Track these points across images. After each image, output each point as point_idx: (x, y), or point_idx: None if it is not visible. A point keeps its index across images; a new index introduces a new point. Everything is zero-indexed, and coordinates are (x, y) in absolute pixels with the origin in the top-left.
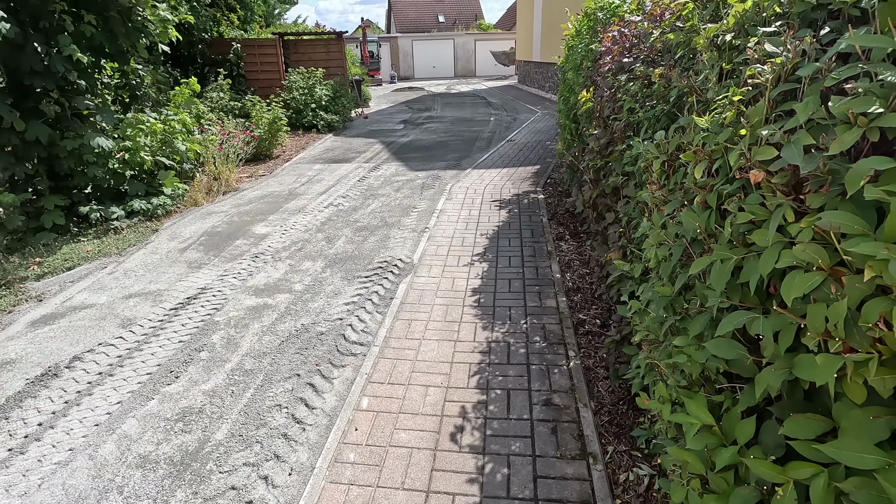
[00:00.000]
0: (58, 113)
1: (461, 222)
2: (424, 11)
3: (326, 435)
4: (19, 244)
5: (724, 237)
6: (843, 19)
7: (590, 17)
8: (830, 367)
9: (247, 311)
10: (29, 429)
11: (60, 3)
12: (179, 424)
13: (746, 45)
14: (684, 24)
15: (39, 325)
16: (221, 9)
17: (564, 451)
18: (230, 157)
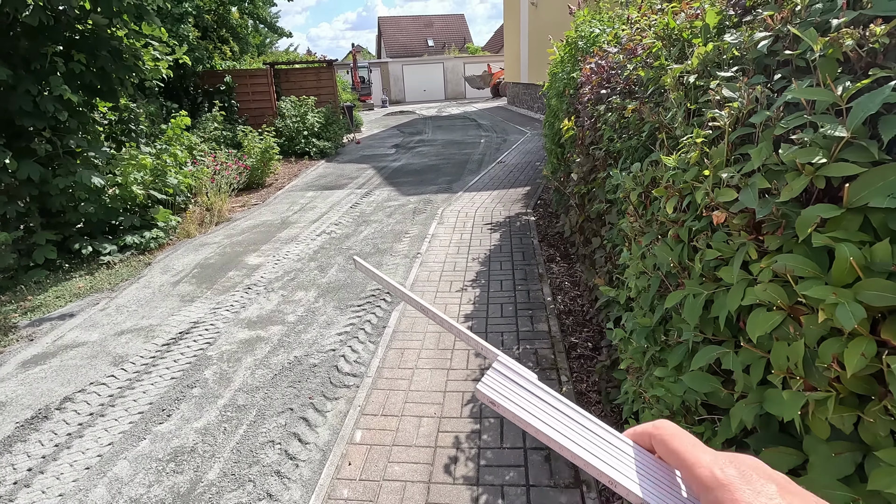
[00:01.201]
0: (49, 151)
1: (453, 246)
2: (414, 36)
3: (320, 471)
4: (10, 282)
5: (695, 271)
6: (791, 67)
7: (571, 45)
8: (795, 404)
9: (239, 344)
10: (18, 475)
11: (52, 46)
12: (171, 465)
13: (709, 86)
14: (654, 62)
15: (30, 366)
16: (213, 41)
17: (558, 480)
18: (222, 188)
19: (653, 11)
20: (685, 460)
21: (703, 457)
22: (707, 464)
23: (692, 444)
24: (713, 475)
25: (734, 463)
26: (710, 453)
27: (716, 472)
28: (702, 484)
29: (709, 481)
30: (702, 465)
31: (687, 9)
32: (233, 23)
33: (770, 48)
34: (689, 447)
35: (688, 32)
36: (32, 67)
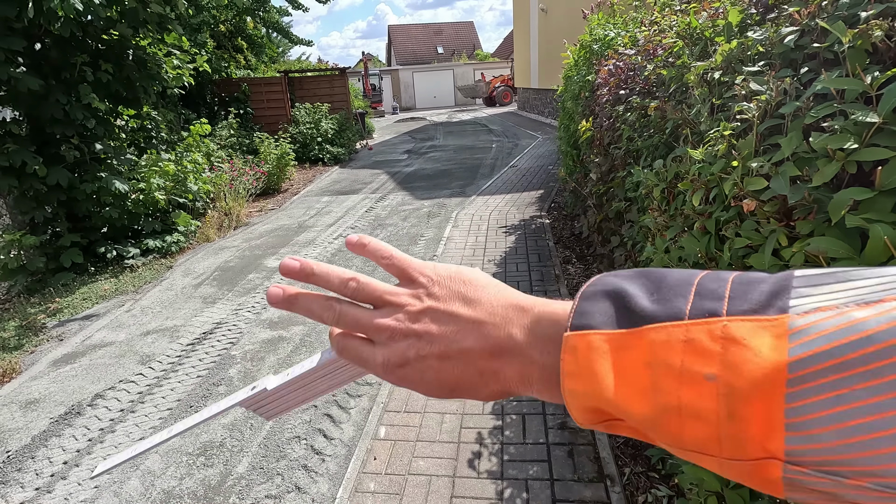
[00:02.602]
0: (77, 158)
1: (468, 249)
2: (423, 43)
3: (346, 465)
4: (39, 285)
5: (724, 261)
6: (818, 60)
7: (586, 49)
8: None
9: (262, 344)
10: (55, 467)
11: (81, 56)
12: (201, 459)
13: (734, 82)
14: (675, 61)
15: (61, 365)
16: (229, 50)
17: (582, 474)
18: (240, 193)
19: (672, 12)
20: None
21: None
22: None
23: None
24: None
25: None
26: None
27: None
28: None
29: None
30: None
31: (708, 8)
32: (248, 32)
33: (796, 42)
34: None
35: (710, 31)
36: (62, 77)
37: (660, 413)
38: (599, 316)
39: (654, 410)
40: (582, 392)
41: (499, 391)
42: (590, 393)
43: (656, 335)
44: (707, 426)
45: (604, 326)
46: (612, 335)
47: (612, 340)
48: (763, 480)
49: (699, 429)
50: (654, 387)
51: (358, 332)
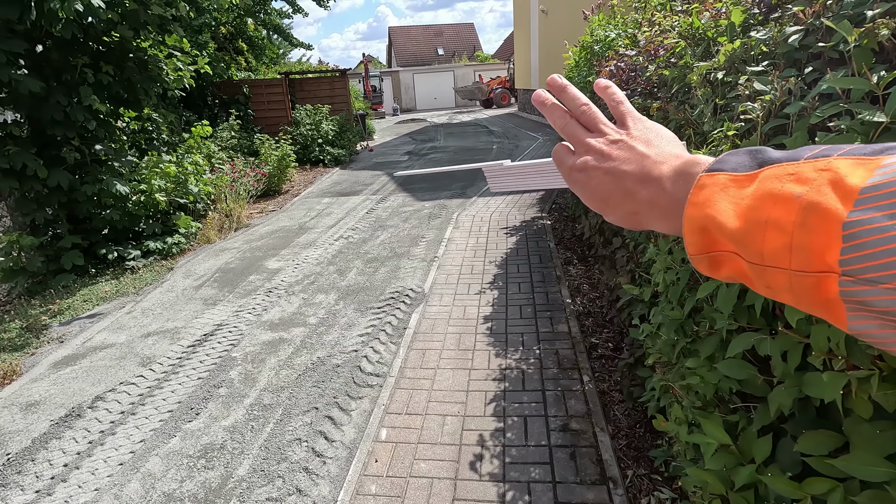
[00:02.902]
0: (78, 159)
1: (469, 250)
2: (424, 45)
3: (347, 467)
4: (40, 287)
5: None
6: (823, 60)
7: (587, 50)
8: (836, 385)
9: (263, 345)
10: (55, 469)
11: (83, 58)
12: (202, 461)
13: (737, 82)
14: (678, 61)
15: (62, 366)
16: (230, 52)
17: (584, 477)
18: (241, 195)
19: (674, 13)
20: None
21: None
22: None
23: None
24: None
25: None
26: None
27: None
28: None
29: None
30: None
31: (711, 8)
32: (249, 34)
33: (801, 42)
34: None
35: (712, 31)
36: (63, 79)
37: (750, 227)
38: (733, 163)
39: (746, 224)
40: (697, 216)
41: (630, 211)
42: (702, 216)
43: (771, 171)
44: (783, 235)
45: (733, 170)
46: (736, 176)
47: (735, 179)
48: (825, 301)
49: (777, 238)
50: (752, 207)
51: (571, 142)
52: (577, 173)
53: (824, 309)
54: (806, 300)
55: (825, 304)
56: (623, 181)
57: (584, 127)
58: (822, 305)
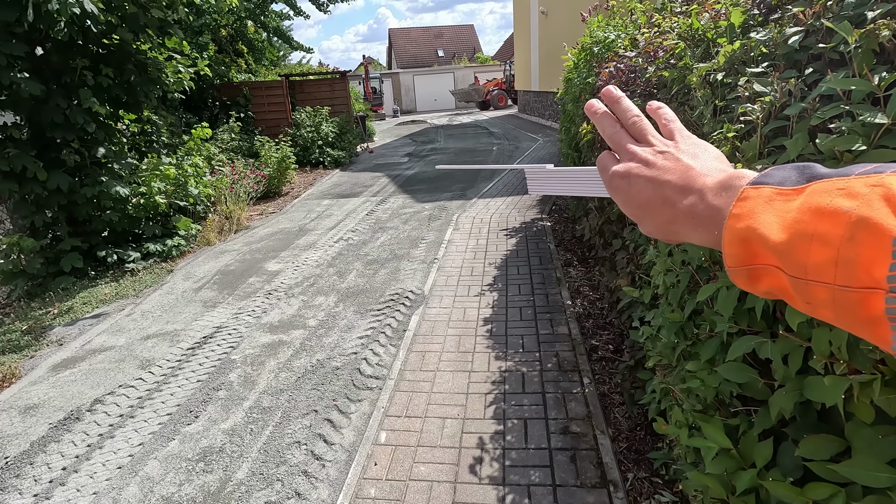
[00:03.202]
0: (77, 162)
1: (469, 252)
2: (424, 47)
3: (346, 471)
4: (39, 289)
5: None
6: (824, 61)
7: (586, 51)
8: (838, 389)
9: (262, 348)
10: (53, 473)
11: (82, 61)
12: (201, 464)
13: (737, 83)
14: (677, 63)
15: (61, 369)
16: (230, 55)
17: (584, 480)
18: (241, 197)
19: (673, 14)
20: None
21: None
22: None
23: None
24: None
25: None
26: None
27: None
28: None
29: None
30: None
31: (710, 9)
32: (249, 36)
33: (801, 43)
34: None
35: (712, 32)
36: (63, 81)
37: (795, 239)
38: (779, 177)
39: (790, 237)
40: (739, 227)
41: (668, 219)
42: (744, 228)
43: (819, 186)
44: (829, 249)
45: (779, 184)
46: (783, 189)
47: (781, 193)
48: (868, 319)
49: (822, 252)
50: (797, 220)
51: (617, 150)
52: (619, 179)
53: (867, 327)
54: (848, 317)
55: (868, 321)
56: (664, 189)
57: (632, 138)
58: (865, 323)
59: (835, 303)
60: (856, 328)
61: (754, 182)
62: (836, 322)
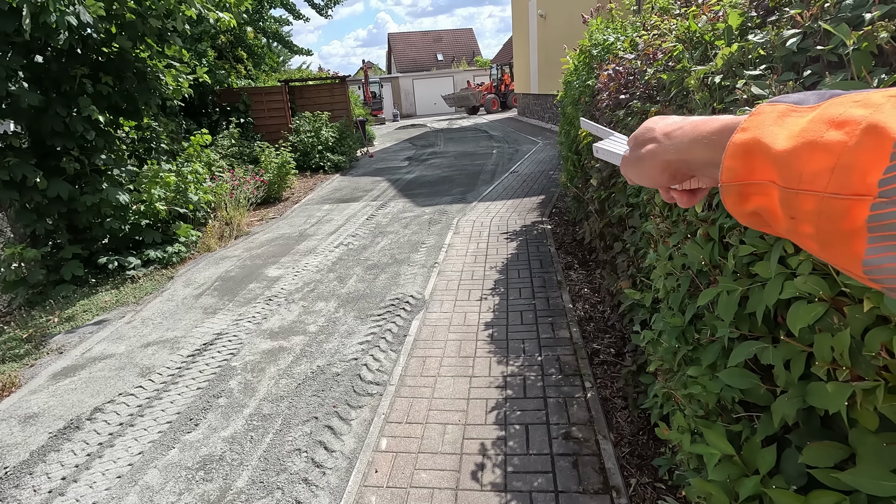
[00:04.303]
0: (77, 170)
1: (470, 256)
2: (423, 51)
3: (347, 478)
4: (40, 297)
5: (728, 268)
6: (822, 63)
7: (585, 53)
8: (841, 396)
9: (263, 354)
10: (53, 483)
11: (81, 69)
12: (200, 473)
13: (735, 86)
14: (676, 65)
15: (61, 378)
16: (230, 61)
17: (587, 486)
18: (241, 203)
19: (671, 16)
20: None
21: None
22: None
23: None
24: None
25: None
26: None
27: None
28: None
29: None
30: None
31: (708, 12)
32: (248, 42)
33: (799, 45)
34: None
35: (710, 35)
36: (62, 89)
37: (797, 147)
38: (797, 98)
39: (794, 145)
40: (744, 139)
41: (674, 128)
42: (750, 139)
43: (835, 100)
44: (829, 156)
45: (796, 102)
46: (798, 107)
47: (796, 110)
48: (847, 231)
49: (822, 159)
50: (805, 129)
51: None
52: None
53: (843, 240)
54: (828, 230)
55: (847, 234)
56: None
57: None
58: (843, 237)
59: (819, 213)
60: (833, 244)
61: (772, 100)
62: (815, 240)
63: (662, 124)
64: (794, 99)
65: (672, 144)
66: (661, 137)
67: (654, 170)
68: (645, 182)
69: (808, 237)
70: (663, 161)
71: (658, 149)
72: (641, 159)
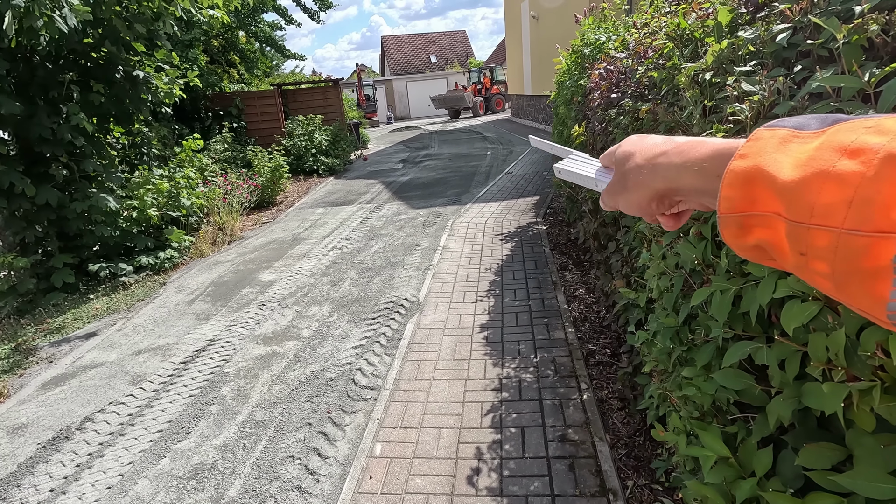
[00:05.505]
0: (66, 176)
1: (464, 257)
2: (416, 53)
3: (341, 485)
4: (30, 306)
5: (721, 267)
6: (812, 58)
7: (577, 53)
8: (837, 396)
9: (256, 360)
10: (41, 496)
11: (70, 75)
12: (192, 482)
13: (725, 83)
14: (666, 63)
15: (50, 387)
16: (222, 65)
17: (584, 489)
18: (234, 207)
19: (661, 15)
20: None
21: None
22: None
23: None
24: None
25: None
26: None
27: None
28: (609, 156)
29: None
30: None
31: (698, 9)
32: (241, 46)
33: (789, 40)
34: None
35: (700, 32)
36: (50, 95)
37: (808, 178)
38: (796, 122)
39: (801, 175)
40: (743, 168)
41: (659, 154)
42: (750, 167)
43: (843, 126)
44: (845, 188)
45: (797, 127)
46: (800, 133)
47: (798, 136)
48: (869, 270)
49: (836, 191)
50: (813, 158)
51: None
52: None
53: (865, 281)
54: (847, 268)
55: (869, 274)
56: (673, 140)
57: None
58: (865, 276)
59: (836, 251)
60: (850, 284)
61: (770, 124)
62: (830, 279)
63: (643, 147)
64: (792, 123)
65: (659, 172)
66: (644, 164)
67: (643, 199)
68: (632, 211)
69: (821, 275)
70: (653, 190)
71: (645, 177)
72: (628, 189)
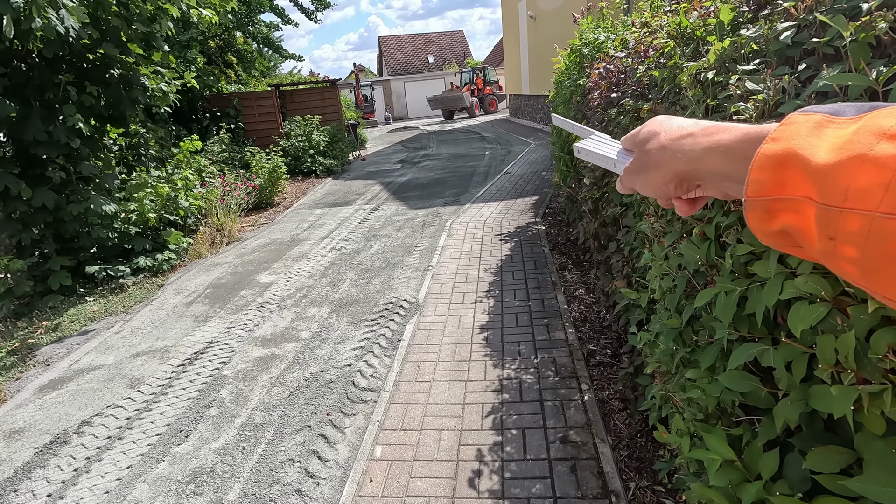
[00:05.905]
0: (63, 178)
1: (464, 258)
2: (414, 54)
3: (341, 488)
4: (26, 308)
5: (725, 268)
6: (818, 56)
7: (576, 53)
8: (846, 399)
9: (255, 362)
10: (39, 501)
11: (67, 76)
12: (191, 487)
13: (728, 81)
14: (667, 62)
15: (47, 391)
16: (219, 65)
17: (585, 491)
18: (232, 209)
19: (661, 13)
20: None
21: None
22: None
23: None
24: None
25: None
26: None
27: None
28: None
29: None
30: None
31: (699, 7)
32: (238, 47)
33: (793, 38)
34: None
35: (701, 31)
36: (46, 97)
37: (844, 161)
38: (832, 108)
39: (837, 158)
40: (775, 151)
41: (687, 134)
42: (783, 150)
43: (883, 111)
44: (884, 172)
45: (833, 113)
46: (834, 118)
47: (834, 121)
48: None
49: (873, 175)
50: (850, 141)
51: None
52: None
53: (894, 267)
54: (878, 253)
55: None
56: (701, 124)
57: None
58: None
59: (868, 235)
60: (879, 272)
61: (803, 110)
62: (858, 264)
63: (668, 128)
64: (828, 109)
65: (683, 153)
66: (669, 144)
67: (662, 180)
68: (649, 192)
69: (848, 261)
70: (674, 171)
71: (668, 157)
72: (649, 169)
